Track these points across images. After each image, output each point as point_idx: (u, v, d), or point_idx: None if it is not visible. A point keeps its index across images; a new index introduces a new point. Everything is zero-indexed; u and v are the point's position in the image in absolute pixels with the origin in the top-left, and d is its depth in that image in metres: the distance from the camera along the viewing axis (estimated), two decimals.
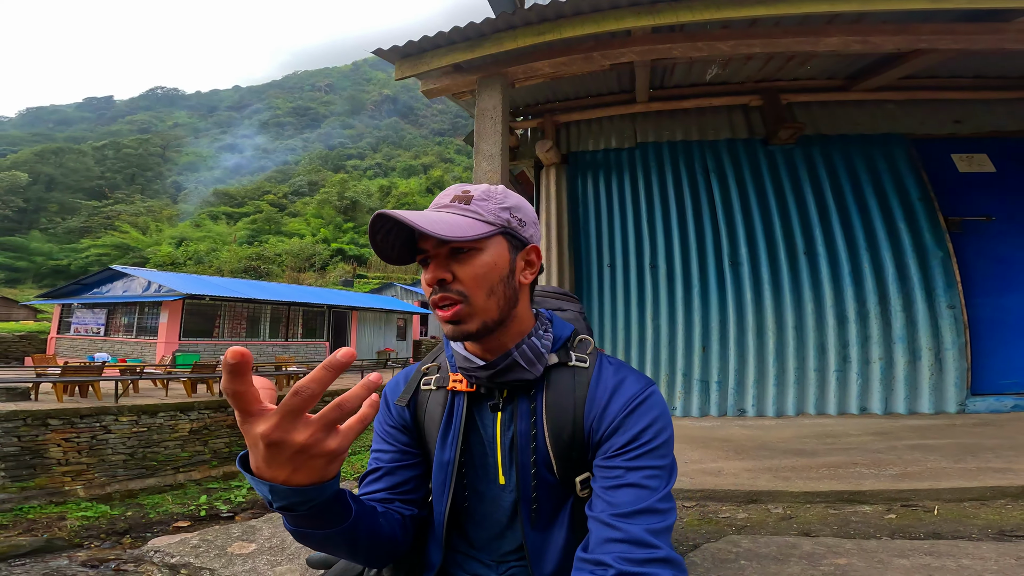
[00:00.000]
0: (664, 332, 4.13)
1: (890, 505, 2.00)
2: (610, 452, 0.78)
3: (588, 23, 3.18)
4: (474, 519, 0.90)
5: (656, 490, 0.73)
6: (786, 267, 3.93)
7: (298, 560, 1.84)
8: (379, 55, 3.66)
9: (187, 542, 1.89)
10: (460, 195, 0.85)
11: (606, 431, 0.80)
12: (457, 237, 0.75)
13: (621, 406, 0.80)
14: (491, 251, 0.81)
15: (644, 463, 0.75)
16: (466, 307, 0.79)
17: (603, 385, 0.84)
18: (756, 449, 2.92)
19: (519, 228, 0.85)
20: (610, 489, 0.75)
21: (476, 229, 0.78)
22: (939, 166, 3.94)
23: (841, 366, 3.69)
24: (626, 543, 0.69)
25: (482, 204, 0.83)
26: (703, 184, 4.31)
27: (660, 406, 0.81)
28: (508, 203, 0.85)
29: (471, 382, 0.88)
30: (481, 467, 0.89)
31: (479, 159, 3.61)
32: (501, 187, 0.87)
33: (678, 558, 0.69)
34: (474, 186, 0.86)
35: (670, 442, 0.79)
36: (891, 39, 2.98)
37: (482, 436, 0.89)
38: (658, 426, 0.78)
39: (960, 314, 3.55)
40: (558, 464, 0.83)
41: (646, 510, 0.71)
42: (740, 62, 4.00)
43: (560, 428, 0.83)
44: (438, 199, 0.87)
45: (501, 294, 0.81)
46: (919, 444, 2.71)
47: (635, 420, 0.79)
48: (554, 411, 0.84)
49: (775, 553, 1.66)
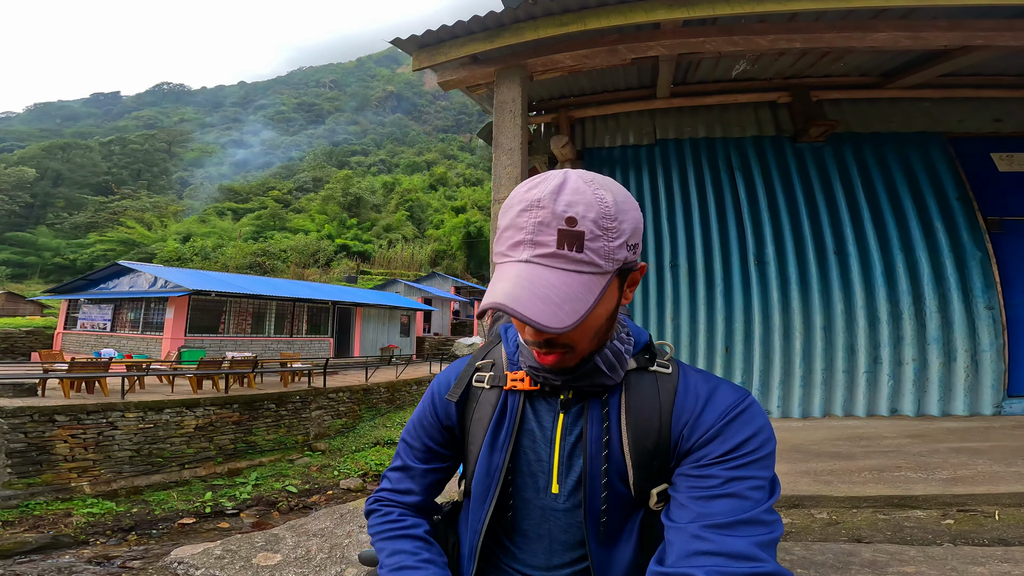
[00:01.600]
0: (685, 332, 4.05)
1: (945, 510, 1.92)
2: (705, 460, 0.71)
3: (614, 15, 3.09)
4: (519, 530, 0.83)
5: (759, 501, 0.67)
6: (815, 266, 3.84)
7: (325, 572, 1.77)
8: (396, 45, 3.58)
9: (210, 552, 1.82)
10: (565, 231, 0.65)
11: (700, 439, 0.73)
12: (573, 324, 0.63)
13: (720, 414, 0.74)
14: (604, 300, 0.70)
15: (748, 473, 0.69)
16: (571, 354, 0.74)
17: (693, 392, 0.77)
18: (788, 451, 2.84)
19: (634, 258, 0.71)
20: (703, 499, 0.68)
21: (592, 292, 0.66)
22: (978, 165, 3.86)
23: (871, 367, 3.60)
24: (722, 556, 0.62)
25: (596, 247, 0.66)
26: (727, 182, 4.21)
27: (763, 416, 0.75)
28: (624, 234, 0.68)
29: (536, 380, 0.82)
30: (530, 474, 0.82)
31: (499, 153, 3.53)
32: (609, 199, 0.67)
33: (788, 573, 0.62)
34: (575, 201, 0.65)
35: (773, 454, 0.73)
36: (944, 35, 2.87)
37: (536, 440, 0.82)
38: (764, 436, 0.72)
39: (998, 315, 3.46)
40: (636, 474, 0.76)
41: (749, 521, 0.64)
42: (771, 58, 3.90)
43: (644, 435, 0.76)
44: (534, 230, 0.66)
45: (605, 330, 0.76)
46: (962, 447, 2.63)
47: (738, 428, 0.72)
48: (636, 417, 0.77)
49: (832, 561, 1.58)
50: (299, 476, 10.91)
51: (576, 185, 0.67)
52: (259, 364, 13.88)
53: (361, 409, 14.74)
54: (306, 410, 12.90)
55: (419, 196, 60.57)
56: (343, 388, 14.28)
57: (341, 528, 2.25)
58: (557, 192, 0.66)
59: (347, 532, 2.20)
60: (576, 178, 0.68)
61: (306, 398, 12.95)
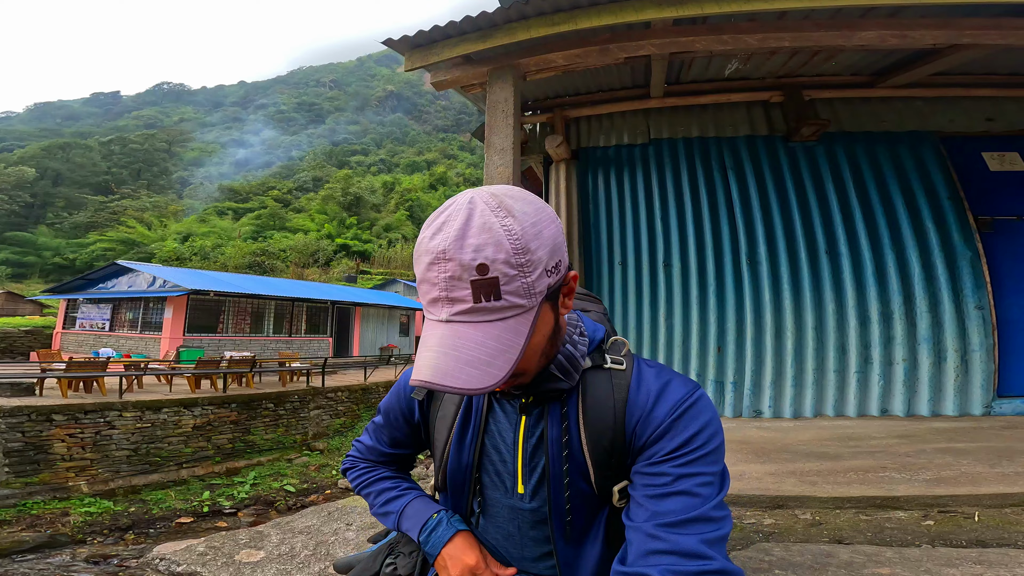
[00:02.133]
0: (678, 332, 4.05)
1: (926, 511, 1.92)
2: (656, 458, 0.72)
3: (605, 14, 3.09)
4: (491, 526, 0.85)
5: (708, 498, 0.67)
6: (806, 266, 3.84)
7: (308, 569, 1.77)
8: (389, 45, 3.58)
9: (193, 549, 1.82)
10: (478, 281, 0.61)
11: (651, 436, 0.73)
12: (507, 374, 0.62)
13: (668, 409, 0.74)
14: (538, 326, 0.67)
15: (695, 469, 0.69)
16: (523, 378, 0.75)
17: (645, 388, 0.78)
18: (777, 452, 2.84)
19: (558, 278, 0.68)
20: (655, 497, 0.69)
21: (521, 335, 0.63)
22: (969, 164, 3.85)
23: (862, 367, 3.60)
24: (674, 555, 0.63)
25: (513, 288, 0.62)
26: (720, 181, 4.21)
27: (711, 410, 0.75)
28: (540, 263, 0.64)
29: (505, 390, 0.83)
30: (496, 473, 0.84)
31: (490, 153, 3.54)
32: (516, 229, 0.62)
33: (736, 569, 0.63)
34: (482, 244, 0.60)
35: (722, 448, 0.73)
36: (931, 33, 2.87)
37: (499, 441, 0.83)
38: (710, 430, 0.72)
39: (988, 315, 3.46)
40: (596, 472, 0.77)
41: (698, 518, 0.65)
42: (763, 57, 3.90)
43: (600, 434, 0.77)
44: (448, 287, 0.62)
45: (550, 348, 0.75)
46: (949, 448, 2.63)
47: (685, 424, 0.72)
48: (592, 416, 0.78)
49: (810, 562, 1.58)
50: (297, 476, 10.92)
51: (481, 222, 0.61)
52: (257, 364, 13.89)
53: (360, 409, 14.75)
54: (304, 410, 12.91)
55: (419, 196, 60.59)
56: (342, 388, 14.29)
57: (328, 526, 2.26)
58: (461, 237, 0.61)
59: (334, 530, 2.20)
60: (481, 210, 0.62)
61: (305, 398, 12.96)
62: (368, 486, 1.00)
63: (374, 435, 1.03)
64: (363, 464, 1.03)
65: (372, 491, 0.99)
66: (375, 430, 1.03)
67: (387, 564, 0.92)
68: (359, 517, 2.43)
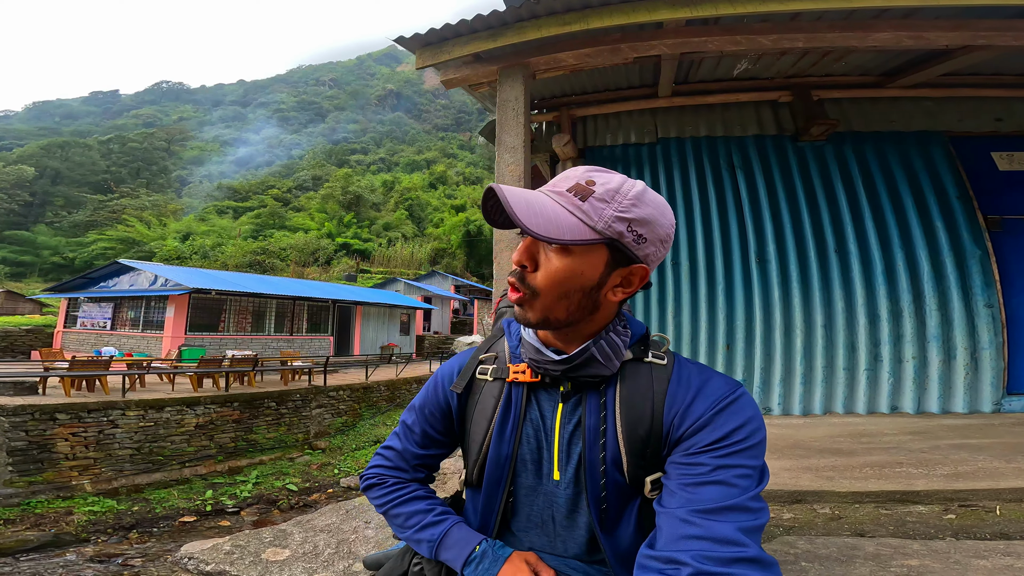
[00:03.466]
0: (686, 330, 4.06)
1: (947, 505, 1.94)
2: (695, 449, 0.73)
3: (617, 14, 3.10)
4: (522, 515, 0.87)
5: (746, 489, 0.68)
6: (816, 265, 3.85)
7: (333, 567, 1.78)
8: (400, 43, 3.59)
9: (220, 548, 1.84)
10: (582, 185, 0.73)
11: (690, 428, 0.75)
12: (551, 238, 0.69)
13: (711, 403, 0.75)
14: (583, 258, 0.74)
15: (736, 461, 0.70)
16: (533, 300, 0.77)
17: (685, 382, 0.80)
18: (790, 448, 2.86)
19: (633, 244, 0.74)
20: (691, 486, 0.70)
21: (575, 233, 0.71)
22: (978, 164, 3.87)
23: (872, 365, 3.62)
24: (708, 540, 0.63)
25: (598, 207, 0.72)
26: (728, 180, 4.23)
27: (753, 407, 0.77)
28: (633, 213, 0.73)
29: (536, 372, 0.85)
30: (533, 461, 0.85)
31: (501, 151, 3.55)
32: (638, 189, 0.74)
33: (770, 559, 0.63)
34: (605, 178, 0.74)
35: (763, 444, 0.74)
36: (946, 35, 2.89)
37: (538, 429, 0.85)
38: (753, 426, 0.74)
39: (998, 313, 3.48)
40: (629, 461, 0.78)
41: (735, 507, 0.66)
42: (772, 57, 3.91)
43: (636, 424, 0.78)
44: (558, 179, 0.76)
45: (576, 302, 0.77)
46: (962, 444, 2.65)
47: (727, 418, 0.74)
48: (630, 406, 0.80)
49: (836, 554, 1.60)
50: (299, 474, 10.93)
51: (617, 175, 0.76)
52: (259, 362, 13.89)
53: (361, 407, 14.76)
54: (306, 408, 12.92)
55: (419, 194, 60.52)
56: (343, 386, 14.29)
57: (347, 524, 2.27)
58: (597, 171, 0.76)
59: (353, 528, 2.22)
60: (623, 176, 0.76)
61: (306, 396, 12.97)
62: (397, 506, 0.93)
63: (405, 438, 0.98)
64: (392, 480, 0.96)
65: (403, 512, 0.92)
66: (405, 433, 0.98)
67: (415, 564, 0.93)
68: (376, 515, 2.45)
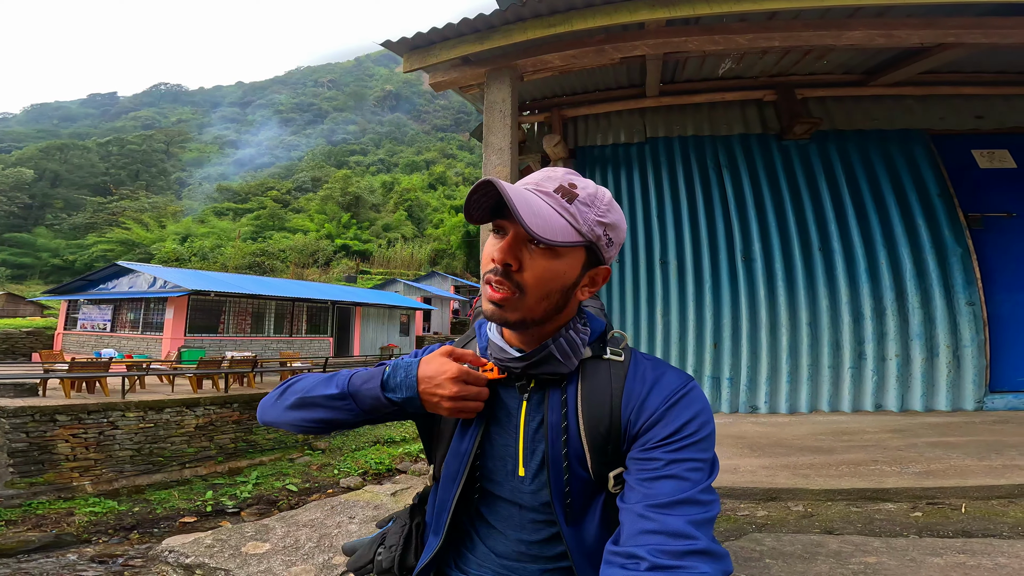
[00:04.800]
0: (674, 328, 4.09)
1: (915, 503, 1.97)
2: (649, 444, 0.75)
3: (600, 15, 3.13)
4: (489, 510, 0.89)
5: (697, 482, 0.70)
6: (800, 263, 3.88)
7: (312, 560, 1.82)
8: (387, 47, 3.62)
9: (201, 542, 1.87)
10: (566, 187, 0.76)
11: (645, 423, 0.77)
12: (548, 240, 0.71)
13: (663, 399, 0.78)
14: (567, 260, 0.78)
15: (687, 455, 0.73)
16: (517, 299, 0.78)
17: (641, 378, 0.82)
18: (771, 446, 2.89)
19: (605, 247, 0.80)
20: (647, 480, 0.72)
21: (565, 235, 0.74)
22: (959, 162, 3.89)
23: (856, 363, 3.65)
24: (662, 535, 0.65)
25: (583, 210, 0.76)
26: (715, 179, 4.26)
27: (703, 400, 0.79)
28: (608, 218, 0.78)
29: (502, 370, 0.87)
30: (499, 458, 0.87)
31: (488, 152, 3.58)
32: (608, 196, 0.80)
33: (721, 550, 0.65)
34: (584, 181, 0.79)
35: (712, 437, 0.77)
36: (916, 33, 2.92)
37: (503, 426, 0.87)
38: (702, 419, 0.76)
39: (979, 311, 3.50)
40: (592, 457, 0.80)
41: (686, 500, 0.68)
42: (755, 56, 3.94)
43: (596, 420, 0.80)
44: (541, 179, 0.79)
45: (554, 301, 0.79)
46: (940, 442, 2.68)
47: (678, 412, 0.76)
48: (590, 403, 0.81)
49: (800, 552, 1.63)
50: (299, 475, 10.97)
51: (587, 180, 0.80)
52: (259, 364, 13.93)
53: None
54: None
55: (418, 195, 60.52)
56: None
57: (331, 519, 2.31)
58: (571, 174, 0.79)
59: (337, 523, 2.26)
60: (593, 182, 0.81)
61: None
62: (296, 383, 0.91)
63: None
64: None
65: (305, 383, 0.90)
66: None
67: (378, 553, 0.96)
68: (362, 511, 2.49)
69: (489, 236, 0.82)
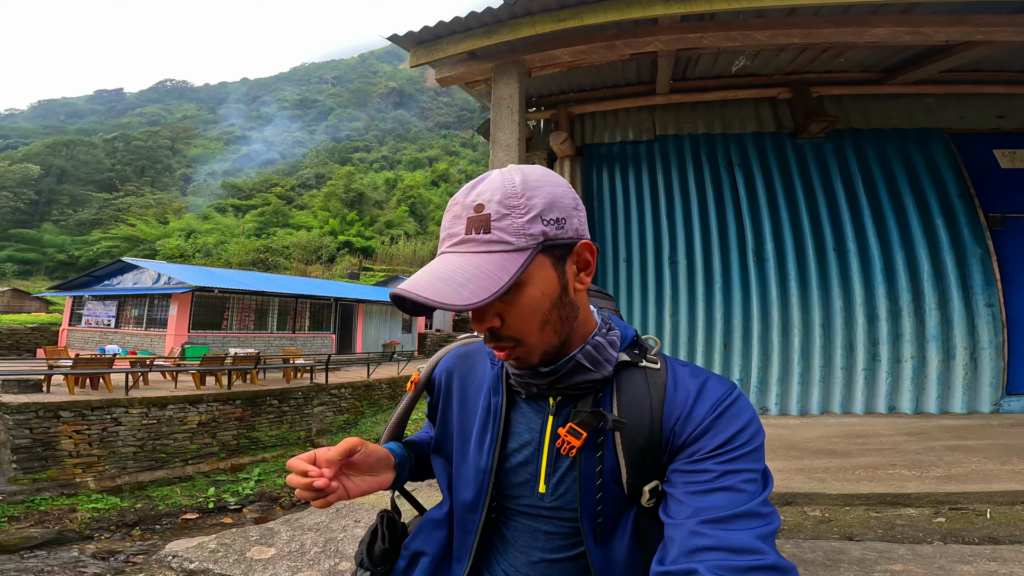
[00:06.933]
0: (683, 329, 4.04)
1: (937, 508, 1.92)
2: (698, 455, 0.70)
3: (611, 10, 3.07)
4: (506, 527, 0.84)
5: (754, 494, 0.66)
6: (814, 263, 3.82)
7: (319, 566, 1.78)
8: (394, 41, 3.57)
9: (205, 546, 1.83)
10: (473, 217, 0.69)
11: (692, 434, 0.72)
12: (487, 299, 0.64)
13: (709, 408, 0.73)
14: (534, 279, 0.70)
15: (741, 466, 0.68)
16: (522, 348, 0.73)
17: (683, 387, 0.76)
18: (784, 449, 2.83)
19: (558, 232, 0.71)
20: (698, 494, 0.67)
21: (505, 270, 0.66)
22: (980, 162, 3.83)
23: (870, 364, 3.59)
24: (723, 550, 0.61)
25: (503, 225, 0.68)
26: (727, 178, 4.19)
27: (751, 408, 0.75)
28: (535, 208, 0.69)
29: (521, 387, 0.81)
30: (516, 474, 0.82)
31: (496, 149, 3.53)
32: (518, 180, 0.70)
33: (789, 565, 0.60)
34: (484, 190, 0.70)
35: (763, 447, 0.72)
36: (945, 30, 2.84)
37: (523, 442, 0.82)
38: (753, 428, 0.71)
39: (998, 312, 3.44)
40: (628, 472, 0.75)
41: (746, 514, 0.63)
42: (771, 54, 3.87)
43: (635, 432, 0.75)
44: (450, 225, 0.71)
45: (557, 319, 0.73)
46: (958, 445, 2.62)
47: (727, 422, 0.71)
48: (628, 414, 0.76)
49: (822, 559, 1.58)
50: None
51: (491, 177, 0.71)
52: (262, 360, 13.93)
53: (363, 405, 14.80)
54: (308, 406, 12.96)
55: (421, 192, 60.52)
56: (345, 384, 14.33)
57: (336, 522, 2.27)
58: (472, 187, 0.71)
59: (342, 527, 2.21)
60: (497, 172, 0.72)
61: (308, 394, 13.01)
62: None
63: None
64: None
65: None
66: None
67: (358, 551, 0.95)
68: (367, 514, 2.44)
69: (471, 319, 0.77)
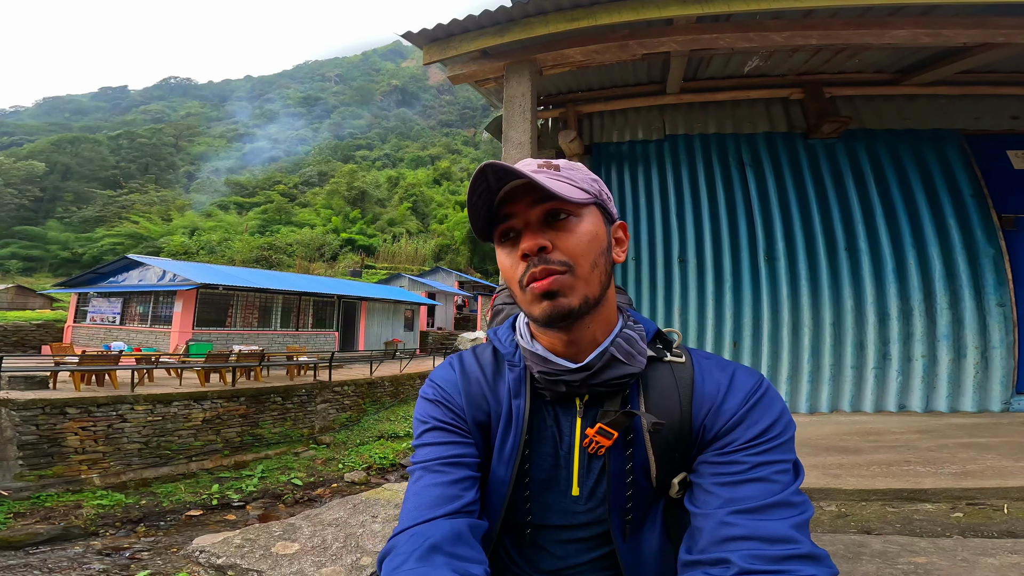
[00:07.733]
0: (693, 327, 4.05)
1: (955, 503, 1.93)
2: (730, 447, 0.72)
3: (626, 10, 3.08)
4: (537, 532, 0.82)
5: (787, 484, 0.67)
6: (825, 263, 3.83)
7: (341, 561, 1.80)
8: (407, 38, 3.59)
9: (231, 542, 1.86)
10: (545, 164, 0.77)
11: (724, 426, 0.73)
12: (569, 197, 0.71)
13: (741, 400, 0.74)
14: (590, 220, 0.76)
15: (773, 457, 0.69)
16: (570, 277, 0.71)
17: (711, 379, 0.77)
18: (797, 446, 2.84)
19: (608, 202, 0.81)
20: (729, 484, 0.68)
21: (574, 191, 0.73)
22: (994, 162, 3.84)
23: (880, 363, 3.60)
24: (756, 540, 0.62)
25: (572, 173, 0.77)
26: (738, 178, 4.20)
27: (781, 399, 0.76)
28: (595, 178, 0.81)
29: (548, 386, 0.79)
30: (547, 479, 0.81)
31: (508, 147, 3.54)
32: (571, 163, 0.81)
33: (822, 552, 0.62)
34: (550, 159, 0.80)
35: (793, 437, 0.74)
36: (965, 32, 2.84)
37: (553, 445, 0.81)
38: (785, 419, 0.73)
39: (1010, 312, 3.45)
40: (658, 467, 0.76)
41: (780, 503, 0.65)
42: (784, 54, 3.87)
43: (666, 429, 0.76)
44: (523, 165, 0.76)
45: (603, 269, 0.75)
46: (971, 442, 2.64)
47: (760, 413, 0.73)
48: (658, 410, 0.77)
49: (843, 551, 1.59)
50: (304, 469, 10.99)
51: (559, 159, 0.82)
52: (266, 357, 13.96)
53: (365, 403, 14.83)
54: (311, 403, 12.99)
55: (423, 190, 60.55)
56: (348, 382, 14.35)
57: (355, 518, 2.29)
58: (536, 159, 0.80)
59: (361, 522, 2.23)
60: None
61: (312, 391, 13.04)
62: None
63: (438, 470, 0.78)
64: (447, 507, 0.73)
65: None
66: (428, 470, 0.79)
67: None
68: (383, 509, 2.46)
69: (500, 253, 0.79)
